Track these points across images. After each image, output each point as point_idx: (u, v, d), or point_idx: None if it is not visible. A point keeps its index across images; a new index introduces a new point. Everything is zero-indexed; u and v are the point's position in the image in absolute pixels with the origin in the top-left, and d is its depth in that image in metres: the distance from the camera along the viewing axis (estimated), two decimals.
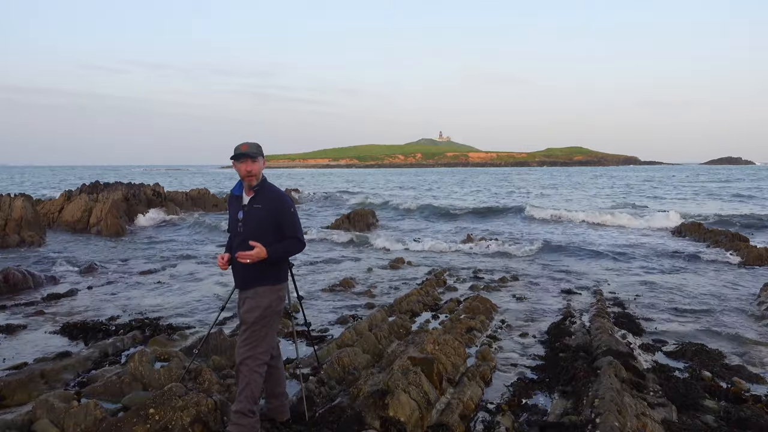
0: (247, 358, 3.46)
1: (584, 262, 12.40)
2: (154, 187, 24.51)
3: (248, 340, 3.48)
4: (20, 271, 9.35)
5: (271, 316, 3.52)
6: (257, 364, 3.48)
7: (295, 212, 3.59)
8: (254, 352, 3.47)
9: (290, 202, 3.59)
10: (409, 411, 3.92)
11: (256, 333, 3.48)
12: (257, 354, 3.48)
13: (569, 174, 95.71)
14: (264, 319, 3.49)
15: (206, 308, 8.02)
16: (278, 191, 3.61)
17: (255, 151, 3.49)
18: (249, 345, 3.48)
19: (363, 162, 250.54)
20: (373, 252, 14.08)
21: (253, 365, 3.47)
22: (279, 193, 3.59)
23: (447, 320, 7.18)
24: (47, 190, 42.20)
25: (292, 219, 3.55)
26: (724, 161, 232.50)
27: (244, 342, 3.50)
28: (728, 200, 33.05)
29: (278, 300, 3.57)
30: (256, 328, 3.48)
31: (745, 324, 7.21)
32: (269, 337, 3.55)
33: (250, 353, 3.47)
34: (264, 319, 3.49)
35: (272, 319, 3.54)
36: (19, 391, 4.54)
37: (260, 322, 3.48)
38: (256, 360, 3.48)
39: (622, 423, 3.70)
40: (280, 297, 3.59)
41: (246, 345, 3.49)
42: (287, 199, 3.59)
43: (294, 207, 3.60)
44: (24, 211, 15.38)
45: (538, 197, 37.14)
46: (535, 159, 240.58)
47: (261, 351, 3.50)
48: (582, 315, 7.54)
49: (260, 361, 3.50)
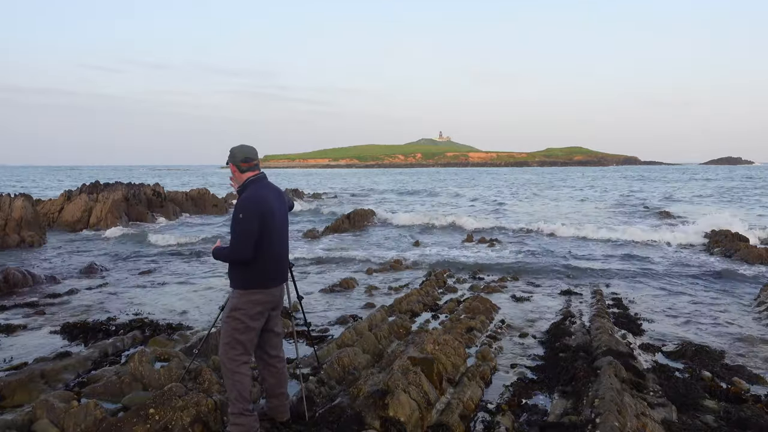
0: (225, 359, 3.51)
1: (584, 262, 12.39)
2: (154, 187, 24.51)
3: (222, 340, 3.53)
4: (20, 271, 9.35)
5: (242, 318, 3.47)
6: (236, 365, 3.48)
7: (239, 219, 3.41)
8: (231, 354, 3.48)
9: (241, 208, 3.43)
10: (409, 411, 3.92)
11: (228, 334, 3.50)
12: (234, 356, 3.48)
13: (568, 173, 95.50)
14: (234, 320, 3.48)
15: (206, 308, 8.02)
16: (246, 196, 3.53)
17: (227, 159, 3.64)
18: (225, 346, 3.51)
19: (363, 162, 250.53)
20: (374, 251, 14.07)
21: (232, 366, 3.48)
22: (242, 198, 3.53)
23: (447, 320, 7.18)
24: (51, 192, 42.20)
25: (233, 225, 3.44)
26: (723, 161, 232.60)
27: (220, 342, 3.55)
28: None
29: (249, 304, 3.49)
30: (227, 328, 3.51)
31: (745, 324, 7.21)
32: (244, 341, 3.50)
33: (227, 355, 3.50)
34: (233, 320, 3.48)
35: (243, 322, 3.48)
36: (19, 391, 4.54)
37: (229, 323, 3.50)
38: (233, 361, 3.48)
39: (622, 423, 3.70)
40: (252, 301, 3.50)
41: (221, 346, 3.54)
42: (241, 204, 3.47)
43: (244, 213, 3.41)
44: (24, 211, 15.39)
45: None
46: (535, 159, 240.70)
47: (237, 353, 3.49)
48: (582, 315, 7.54)
49: (237, 362, 3.49)
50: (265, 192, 3.58)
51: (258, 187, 3.59)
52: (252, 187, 3.59)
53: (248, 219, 3.42)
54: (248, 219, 3.42)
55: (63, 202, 20.29)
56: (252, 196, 3.52)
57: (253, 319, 3.52)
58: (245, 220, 3.41)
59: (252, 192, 3.55)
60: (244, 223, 3.40)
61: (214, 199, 27.11)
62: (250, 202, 3.48)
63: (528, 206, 30.45)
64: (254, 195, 3.52)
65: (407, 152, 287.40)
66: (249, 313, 3.49)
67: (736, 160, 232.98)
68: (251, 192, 3.55)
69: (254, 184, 3.60)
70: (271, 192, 3.65)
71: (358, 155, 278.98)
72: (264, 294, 3.54)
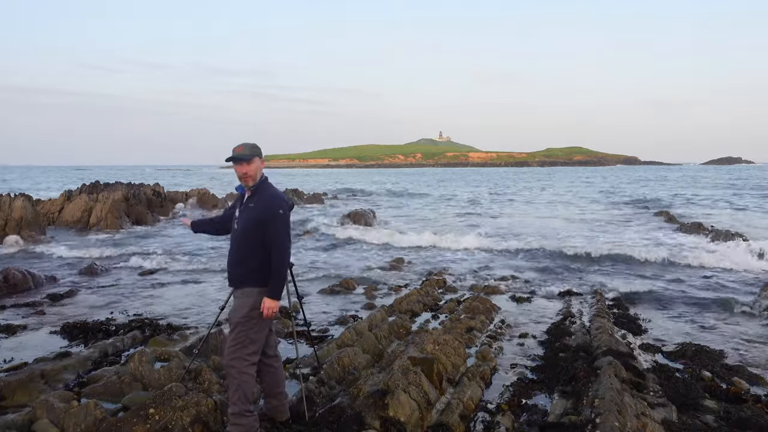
0: (234, 359, 3.42)
1: (583, 263, 12.39)
2: (154, 187, 24.52)
3: (235, 341, 3.43)
4: (20, 271, 9.35)
5: (258, 317, 3.45)
6: (245, 366, 3.43)
7: (283, 215, 3.42)
8: (241, 354, 3.42)
9: (282, 204, 3.45)
10: (409, 411, 3.92)
11: (243, 334, 3.43)
12: (244, 355, 3.42)
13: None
14: (251, 320, 3.43)
15: (206, 308, 8.02)
16: (274, 192, 3.54)
17: (249, 153, 3.47)
18: (236, 346, 3.42)
19: (363, 162, 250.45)
20: (373, 251, 14.06)
21: (241, 367, 3.42)
22: (274, 194, 3.51)
23: (447, 320, 7.18)
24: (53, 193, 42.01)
25: (276, 224, 3.40)
26: (724, 161, 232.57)
27: (231, 342, 3.45)
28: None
29: None
30: (243, 329, 3.43)
31: (745, 324, 7.21)
32: (258, 339, 3.48)
33: (236, 354, 3.41)
34: (251, 320, 3.43)
35: (259, 320, 3.46)
36: (19, 391, 4.54)
37: (246, 323, 3.43)
38: (244, 362, 3.42)
39: (622, 423, 3.70)
40: None
41: (233, 346, 3.43)
42: (280, 200, 3.47)
43: (285, 210, 3.44)
44: (24, 211, 15.39)
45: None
46: (535, 159, 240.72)
47: (249, 352, 3.44)
48: (582, 315, 7.54)
49: (248, 362, 3.44)
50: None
51: (271, 184, 3.65)
52: (267, 183, 3.62)
53: (287, 214, 3.50)
54: (287, 214, 3.50)
55: (63, 202, 20.28)
56: (280, 192, 3.60)
57: (268, 318, 3.53)
58: (285, 214, 3.47)
59: (274, 188, 3.61)
60: (285, 218, 3.46)
61: (214, 199, 27.11)
62: (283, 197, 3.55)
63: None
64: (279, 191, 3.60)
65: (407, 152, 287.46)
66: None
67: (736, 160, 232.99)
68: (274, 188, 3.61)
69: (266, 180, 3.63)
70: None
71: (358, 155, 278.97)
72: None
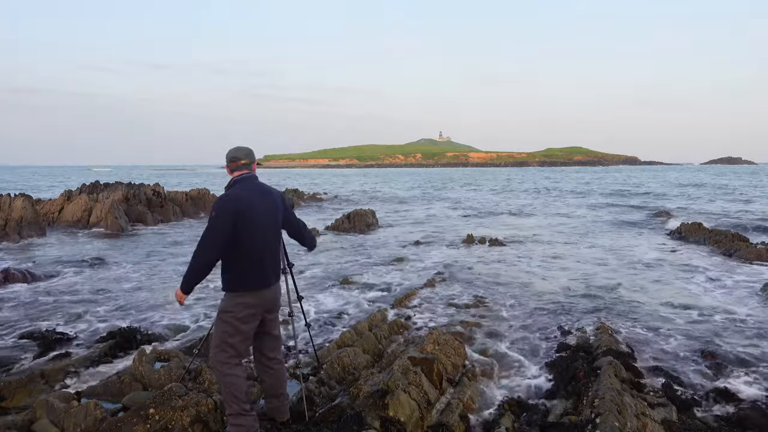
0: (215, 362, 3.48)
1: (581, 263, 12.39)
2: (153, 187, 24.52)
3: (213, 343, 3.52)
4: (20, 271, 9.36)
5: (231, 321, 3.44)
6: (227, 368, 3.45)
7: (211, 216, 3.39)
8: (220, 357, 3.45)
9: (216, 205, 3.42)
10: (409, 411, 3.92)
11: (218, 336, 3.48)
12: (223, 359, 3.45)
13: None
14: (223, 323, 3.46)
15: (206, 308, 8.02)
16: (222, 195, 3.53)
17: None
18: (213, 348, 3.50)
19: (363, 162, 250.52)
20: (374, 251, 14.07)
21: (222, 369, 3.44)
22: (219, 197, 3.53)
23: (447, 320, 7.17)
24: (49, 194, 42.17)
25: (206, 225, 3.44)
26: (724, 161, 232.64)
27: (211, 345, 3.54)
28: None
29: (238, 306, 3.46)
30: (218, 331, 3.49)
31: (745, 324, 7.20)
32: (233, 342, 3.46)
33: (216, 357, 3.47)
34: (222, 323, 3.46)
35: (231, 324, 3.45)
36: (19, 391, 4.55)
37: (219, 326, 3.49)
38: (224, 364, 3.45)
39: (622, 423, 3.70)
40: (240, 304, 3.46)
41: (212, 348, 3.52)
42: (216, 203, 3.45)
43: (218, 210, 3.39)
44: (24, 211, 15.40)
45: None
46: (535, 159, 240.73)
47: (227, 356, 3.45)
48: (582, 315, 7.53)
49: (228, 364, 3.46)
50: (246, 191, 3.52)
51: (241, 186, 3.55)
52: (235, 186, 3.57)
53: (221, 217, 3.37)
54: (221, 217, 3.37)
55: (63, 202, 20.28)
56: (229, 194, 3.50)
57: (242, 322, 3.46)
58: (217, 217, 3.37)
59: (231, 191, 3.54)
60: (213, 220, 3.36)
61: (214, 199, 27.12)
62: (225, 200, 3.45)
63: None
64: (232, 193, 3.50)
65: (407, 152, 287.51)
66: (237, 316, 3.45)
67: (737, 160, 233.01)
68: (231, 191, 3.54)
69: (239, 183, 3.58)
70: (256, 191, 3.57)
71: (358, 155, 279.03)
72: (252, 296, 3.48)
